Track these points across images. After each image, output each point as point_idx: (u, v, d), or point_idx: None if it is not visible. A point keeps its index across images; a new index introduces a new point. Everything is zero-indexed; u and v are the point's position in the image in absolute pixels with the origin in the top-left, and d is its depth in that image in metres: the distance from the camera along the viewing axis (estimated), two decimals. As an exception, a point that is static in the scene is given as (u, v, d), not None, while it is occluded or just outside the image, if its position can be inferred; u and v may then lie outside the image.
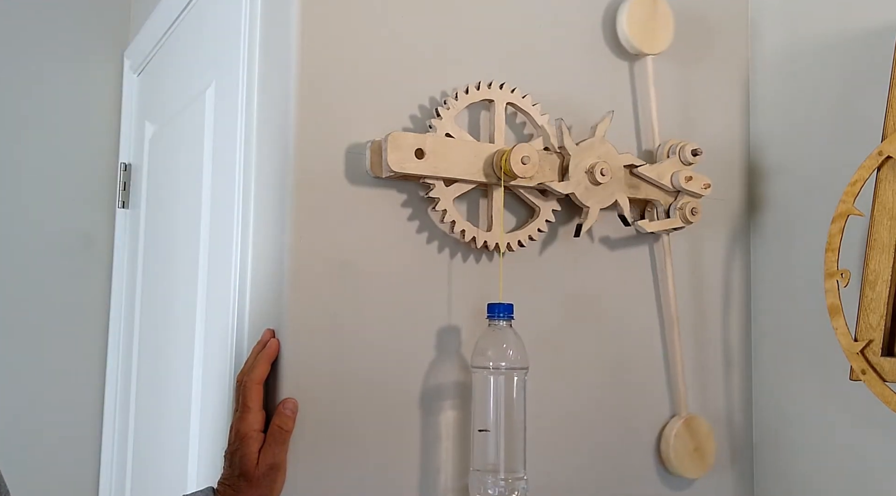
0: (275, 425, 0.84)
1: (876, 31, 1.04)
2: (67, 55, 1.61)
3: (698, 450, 1.08)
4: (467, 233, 0.94)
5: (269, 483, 0.83)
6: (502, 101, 0.97)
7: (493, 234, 0.95)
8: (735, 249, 1.17)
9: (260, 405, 0.85)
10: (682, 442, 1.07)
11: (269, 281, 0.91)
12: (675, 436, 1.06)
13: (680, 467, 1.06)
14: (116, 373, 1.55)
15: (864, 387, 0.95)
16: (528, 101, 0.99)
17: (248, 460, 0.83)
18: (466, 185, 0.94)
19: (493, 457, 0.87)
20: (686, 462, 1.07)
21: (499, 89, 0.97)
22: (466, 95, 0.95)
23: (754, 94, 1.20)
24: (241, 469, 0.83)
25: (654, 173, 1.03)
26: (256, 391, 0.85)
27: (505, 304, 0.90)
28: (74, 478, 1.56)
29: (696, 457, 1.07)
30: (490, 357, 0.88)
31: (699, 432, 1.08)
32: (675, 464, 1.06)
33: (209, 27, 1.19)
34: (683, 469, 1.06)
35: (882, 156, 0.95)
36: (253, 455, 0.83)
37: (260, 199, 0.96)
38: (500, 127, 0.97)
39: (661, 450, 1.07)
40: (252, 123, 0.98)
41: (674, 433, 1.06)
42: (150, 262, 1.43)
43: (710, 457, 1.09)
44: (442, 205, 0.92)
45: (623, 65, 1.10)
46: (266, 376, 0.87)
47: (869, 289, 0.94)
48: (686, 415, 1.08)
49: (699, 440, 1.08)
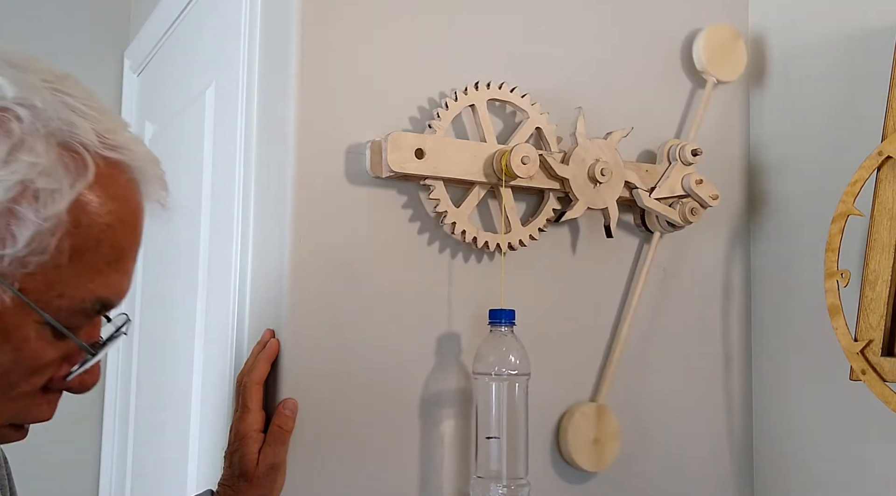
0: (275, 425, 0.84)
1: (876, 31, 1.04)
2: (67, 55, 1.61)
3: (598, 442, 1.01)
4: (468, 234, 0.94)
5: (269, 483, 0.83)
6: (482, 99, 0.95)
7: (492, 234, 0.95)
8: (735, 249, 1.17)
9: (260, 405, 0.85)
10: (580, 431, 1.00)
11: (269, 281, 0.91)
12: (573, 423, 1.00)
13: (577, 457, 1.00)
14: (116, 373, 1.55)
15: (864, 387, 0.95)
16: (505, 89, 0.97)
17: (247, 460, 0.82)
18: (466, 185, 0.94)
19: (497, 464, 0.87)
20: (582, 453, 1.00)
21: (474, 90, 0.95)
22: (456, 102, 0.94)
23: (754, 94, 1.20)
24: (240, 469, 0.83)
25: (667, 190, 1.03)
26: (256, 391, 0.85)
27: (507, 310, 0.90)
28: (75, 478, 1.56)
29: (594, 450, 1.01)
30: (492, 363, 0.88)
31: (605, 424, 1.01)
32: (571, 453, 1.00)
33: (209, 27, 1.19)
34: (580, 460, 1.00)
35: (882, 156, 0.95)
36: (253, 455, 0.83)
37: (260, 199, 0.96)
38: (486, 124, 0.95)
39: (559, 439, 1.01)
40: (252, 123, 0.98)
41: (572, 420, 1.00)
42: (150, 262, 1.43)
43: (609, 453, 1.01)
44: (443, 206, 0.92)
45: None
46: (266, 376, 0.87)
47: (869, 289, 0.94)
48: (597, 405, 1.02)
49: (601, 432, 1.01)
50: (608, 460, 1.02)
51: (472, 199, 0.95)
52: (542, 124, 0.98)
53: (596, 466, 1.01)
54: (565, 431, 1.00)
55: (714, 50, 1.11)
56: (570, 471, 1.02)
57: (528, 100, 0.98)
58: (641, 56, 1.11)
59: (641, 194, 1.02)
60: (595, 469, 1.01)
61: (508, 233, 0.96)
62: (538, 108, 0.99)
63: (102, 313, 0.56)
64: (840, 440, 1.06)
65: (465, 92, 0.95)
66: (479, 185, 0.95)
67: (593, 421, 1.01)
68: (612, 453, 1.02)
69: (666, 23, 1.13)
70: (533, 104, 0.99)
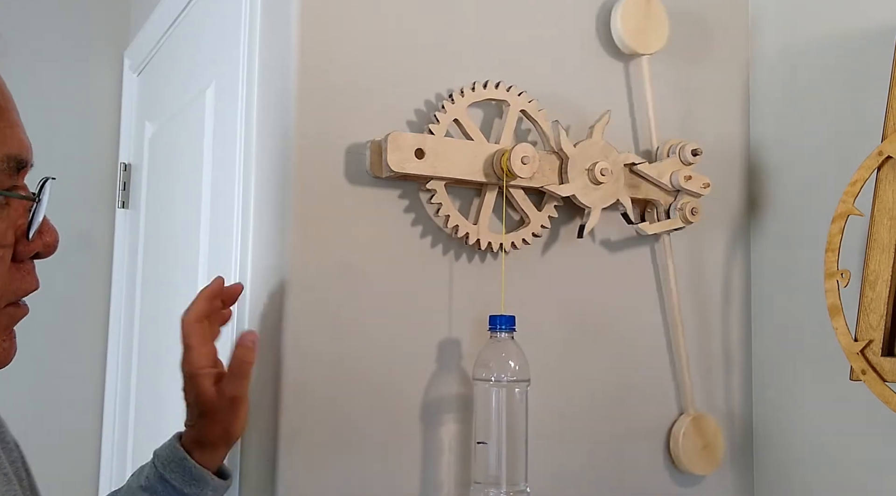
0: (235, 358, 0.82)
1: (876, 31, 1.04)
2: (67, 55, 1.61)
3: (707, 447, 1.08)
4: (471, 236, 0.94)
5: (230, 418, 0.82)
6: (517, 106, 0.97)
7: (494, 234, 0.95)
8: (735, 249, 1.17)
9: (202, 341, 0.84)
10: (690, 440, 1.07)
11: (269, 281, 0.91)
12: (683, 434, 1.06)
13: (689, 464, 1.06)
14: (116, 373, 1.55)
15: (864, 387, 0.95)
16: (535, 106, 0.99)
17: (203, 398, 0.81)
18: (466, 185, 0.94)
19: (495, 470, 0.87)
20: (695, 459, 1.07)
21: (511, 94, 0.97)
22: (463, 97, 0.95)
23: (754, 94, 1.20)
24: (199, 408, 0.82)
25: (655, 172, 1.03)
26: (195, 328, 0.84)
27: (506, 316, 0.90)
28: (75, 479, 1.56)
29: (704, 455, 1.08)
30: (492, 369, 0.88)
31: (707, 430, 1.09)
32: (684, 461, 1.06)
33: (209, 27, 1.19)
34: (692, 466, 1.07)
35: (882, 156, 0.95)
36: (208, 391, 0.81)
37: (260, 199, 0.95)
38: (510, 129, 0.97)
39: (671, 448, 1.07)
40: (252, 123, 0.98)
41: (682, 431, 1.06)
42: (150, 263, 1.43)
43: (718, 454, 1.09)
44: (444, 210, 0.92)
45: (618, 65, 1.10)
46: (205, 313, 0.85)
47: (869, 289, 0.94)
48: (694, 413, 1.08)
49: (708, 438, 1.08)
50: None
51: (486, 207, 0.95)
52: (550, 136, 0.98)
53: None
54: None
55: (633, 23, 1.07)
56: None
57: (545, 115, 0.99)
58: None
59: (641, 167, 1.02)
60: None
61: (511, 232, 0.96)
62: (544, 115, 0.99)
63: (20, 170, 0.60)
64: (840, 440, 1.06)
65: (485, 86, 0.96)
66: (488, 191, 0.95)
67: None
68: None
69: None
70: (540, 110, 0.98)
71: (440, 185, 0.92)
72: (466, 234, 0.93)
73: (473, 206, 0.97)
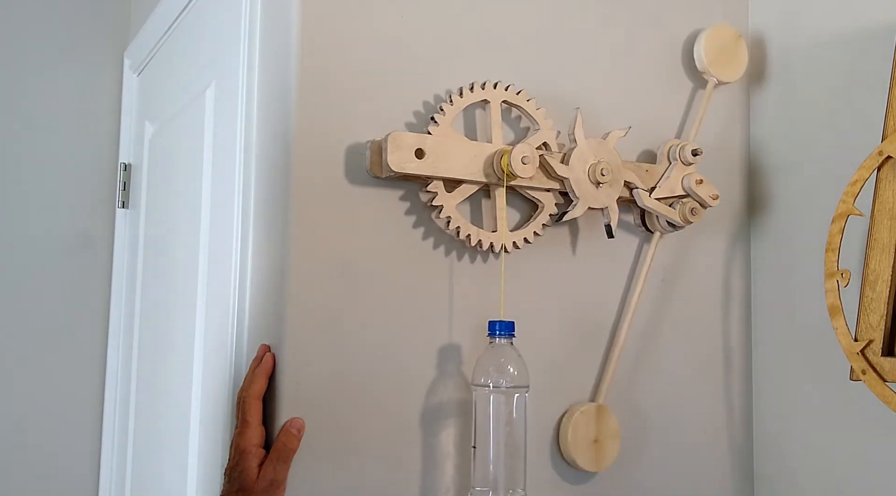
0: (279, 442, 0.84)
1: (876, 31, 1.04)
2: (67, 55, 1.61)
3: (598, 442, 1.01)
4: (473, 237, 0.93)
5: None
6: (497, 99, 0.97)
7: (494, 234, 0.95)
8: (735, 249, 1.17)
9: (259, 420, 0.85)
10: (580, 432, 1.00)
11: (269, 281, 0.91)
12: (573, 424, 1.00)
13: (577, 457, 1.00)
14: (116, 373, 1.55)
15: (864, 387, 0.95)
16: (523, 96, 0.98)
17: (247, 475, 0.82)
18: (467, 186, 0.94)
19: (493, 475, 0.87)
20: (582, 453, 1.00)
21: (492, 89, 0.97)
22: (461, 98, 0.95)
23: (754, 94, 1.20)
24: (240, 484, 0.83)
25: (666, 190, 1.03)
26: (255, 406, 0.85)
27: (506, 322, 0.89)
28: (75, 479, 1.56)
29: (593, 450, 1.01)
30: (491, 375, 0.88)
31: (605, 424, 1.02)
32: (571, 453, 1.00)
33: (209, 27, 1.19)
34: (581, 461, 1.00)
35: (882, 156, 0.95)
36: (252, 470, 0.83)
37: (260, 198, 0.95)
38: (496, 125, 0.96)
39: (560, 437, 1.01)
40: (252, 123, 0.98)
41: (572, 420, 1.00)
42: (150, 262, 1.43)
43: (609, 453, 1.01)
44: (446, 211, 0.92)
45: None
46: (264, 391, 0.87)
47: (869, 289, 0.94)
48: (597, 405, 1.02)
49: (601, 432, 1.01)
50: (608, 460, 1.02)
51: (488, 207, 0.95)
52: (550, 140, 0.98)
53: (596, 466, 1.01)
54: (565, 431, 1.00)
55: (715, 51, 1.12)
56: (571, 472, 1.02)
57: (534, 104, 0.98)
58: (642, 57, 1.11)
59: (641, 194, 1.02)
60: (595, 469, 1.01)
61: (512, 231, 0.96)
62: (543, 113, 0.99)
63: None
64: (840, 440, 1.06)
65: (472, 89, 0.95)
66: (480, 186, 0.95)
67: (593, 421, 1.01)
68: (611, 453, 1.02)
69: (667, 23, 1.13)
70: (538, 109, 0.98)
71: (441, 186, 0.92)
72: (468, 234, 0.93)
73: (474, 207, 0.97)
